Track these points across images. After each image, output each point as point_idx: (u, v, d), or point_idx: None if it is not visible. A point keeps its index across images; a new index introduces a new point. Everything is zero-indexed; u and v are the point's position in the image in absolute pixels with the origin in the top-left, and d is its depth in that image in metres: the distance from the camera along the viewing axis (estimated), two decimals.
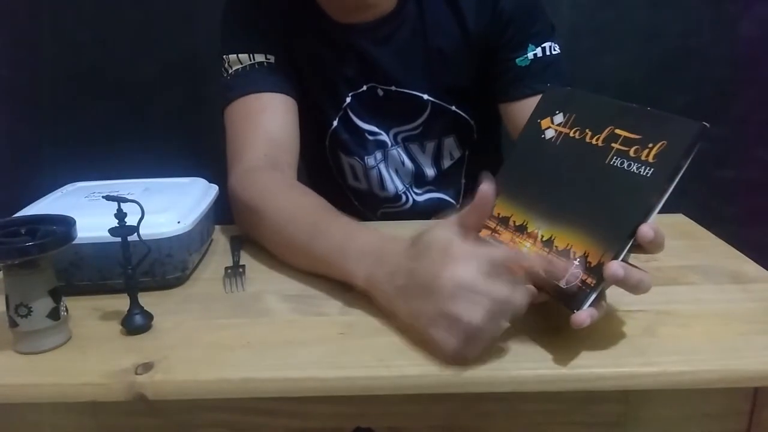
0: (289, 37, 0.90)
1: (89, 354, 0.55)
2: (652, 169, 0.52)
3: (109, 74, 1.44)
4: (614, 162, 0.55)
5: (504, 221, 0.60)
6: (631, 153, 0.54)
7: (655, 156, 0.52)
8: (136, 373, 0.51)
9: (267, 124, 0.85)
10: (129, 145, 1.42)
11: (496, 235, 0.60)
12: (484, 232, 0.61)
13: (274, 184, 0.77)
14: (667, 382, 0.51)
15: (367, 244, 0.61)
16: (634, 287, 0.52)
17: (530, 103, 0.87)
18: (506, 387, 0.51)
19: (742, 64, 1.46)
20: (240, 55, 0.88)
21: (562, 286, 0.53)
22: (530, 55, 0.88)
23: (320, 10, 0.88)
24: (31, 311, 0.54)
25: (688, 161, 0.51)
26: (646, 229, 0.51)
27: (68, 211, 0.58)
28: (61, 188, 0.79)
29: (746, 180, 1.52)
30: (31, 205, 0.71)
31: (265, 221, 0.73)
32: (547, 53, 0.88)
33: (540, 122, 0.63)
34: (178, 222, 0.66)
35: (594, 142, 0.57)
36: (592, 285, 0.51)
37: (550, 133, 0.61)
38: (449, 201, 1.02)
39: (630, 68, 1.45)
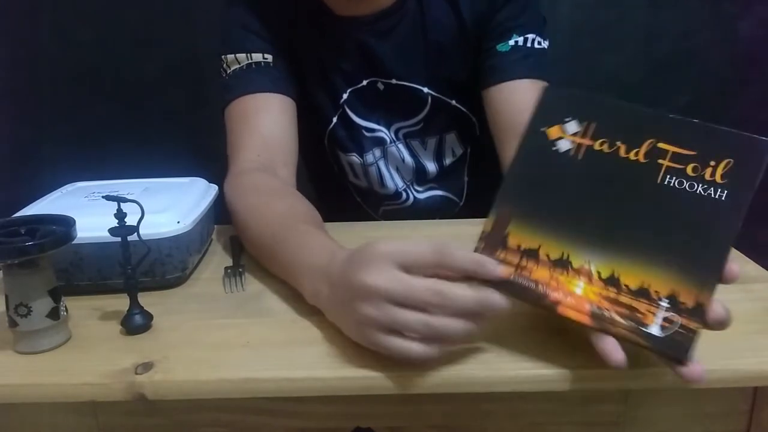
0: (289, 33, 0.90)
1: (89, 354, 0.55)
2: (726, 191, 0.47)
3: (109, 74, 1.44)
4: (669, 182, 0.48)
5: (532, 254, 0.50)
6: (689, 171, 0.48)
7: (722, 176, 0.47)
8: (136, 373, 0.51)
9: (261, 125, 0.85)
10: (129, 146, 1.42)
11: (525, 272, 0.50)
12: (505, 271, 0.50)
13: (256, 188, 0.77)
14: (667, 382, 0.51)
15: (315, 263, 0.58)
16: (724, 324, 0.47)
17: (505, 89, 0.86)
18: (506, 387, 0.51)
19: (742, 64, 1.46)
20: (238, 55, 0.88)
21: (656, 334, 0.46)
22: (511, 42, 0.87)
23: (321, 3, 0.88)
24: (31, 311, 0.54)
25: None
26: (735, 268, 0.46)
27: (68, 211, 0.58)
28: (61, 188, 0.79)
29: None
30: (31, 205, 0.71)
31: (239, 224, 0.74)
32: (528, 44, 0.87)
33: (546, 131, 0.54)
34: (178, 222, 0.66)
35: (633, 157, 0.50)
36: (695, 329, 0.46)
37: (565, 145, 0.53)
38: (451, 198, 1.02)
39: (630, 68, 1.45)
